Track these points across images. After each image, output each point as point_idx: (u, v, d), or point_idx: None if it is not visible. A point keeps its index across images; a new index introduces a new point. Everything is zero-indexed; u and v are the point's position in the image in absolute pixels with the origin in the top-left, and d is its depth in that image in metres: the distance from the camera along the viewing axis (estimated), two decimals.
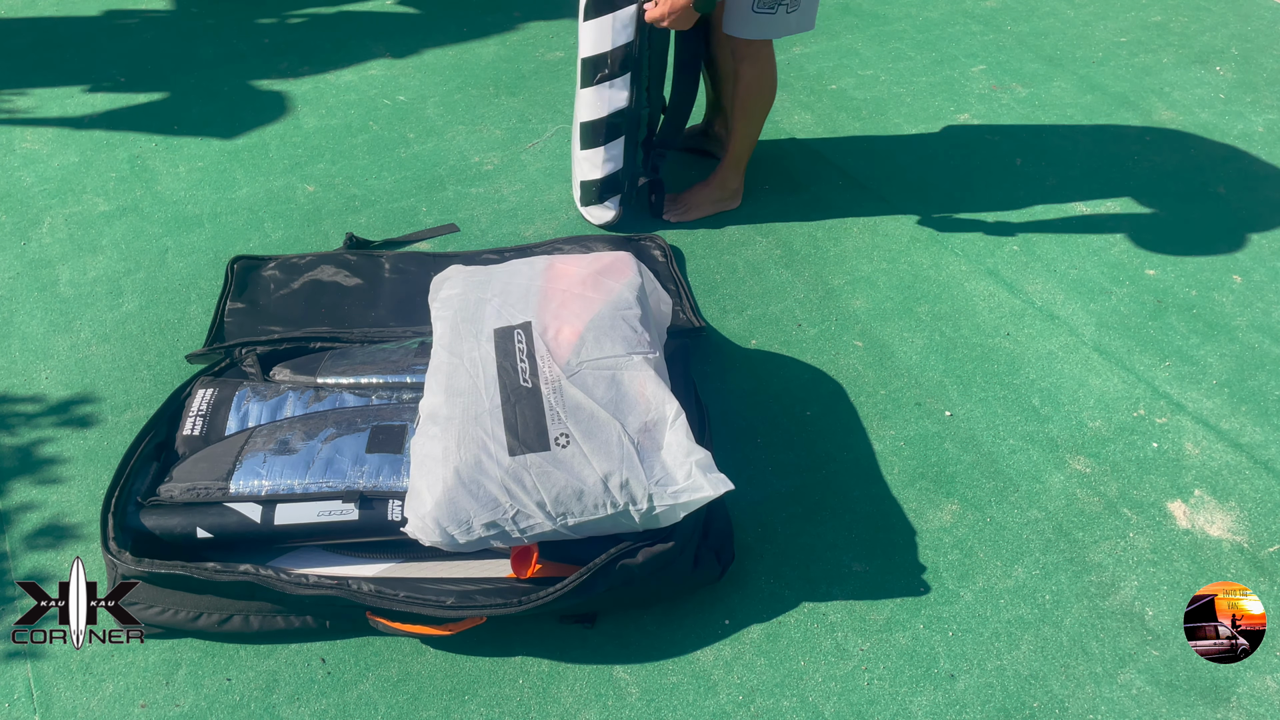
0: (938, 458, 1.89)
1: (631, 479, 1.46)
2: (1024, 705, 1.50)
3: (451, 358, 1.63)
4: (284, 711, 1.47)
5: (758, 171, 2.68)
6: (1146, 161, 2.74)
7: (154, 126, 2.83)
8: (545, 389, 1.55)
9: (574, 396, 1.54)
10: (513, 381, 1.56)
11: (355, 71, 3.13)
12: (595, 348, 1.62)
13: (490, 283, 1.80)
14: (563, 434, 1.49)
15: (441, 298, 1.82)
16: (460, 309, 1.74)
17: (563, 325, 1.66)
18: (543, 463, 1.46)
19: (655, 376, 1.59)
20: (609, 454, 1.48)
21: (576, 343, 1.62)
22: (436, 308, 1.80)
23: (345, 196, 2.56)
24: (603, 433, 1.50)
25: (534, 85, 3.09)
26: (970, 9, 3.56)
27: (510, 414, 1.52)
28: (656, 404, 1.55)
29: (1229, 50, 3.31)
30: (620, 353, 1.61)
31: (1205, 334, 2.17)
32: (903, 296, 2.27)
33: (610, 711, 1.48)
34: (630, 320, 1.69)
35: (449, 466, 1.46)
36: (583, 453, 1.48)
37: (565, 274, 1.80)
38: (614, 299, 1.73)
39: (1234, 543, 1.74)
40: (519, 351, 1.61)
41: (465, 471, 1.45)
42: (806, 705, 1.50)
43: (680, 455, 1.50)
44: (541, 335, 1.64)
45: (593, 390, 1.55)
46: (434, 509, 1.43)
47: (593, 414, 1.52)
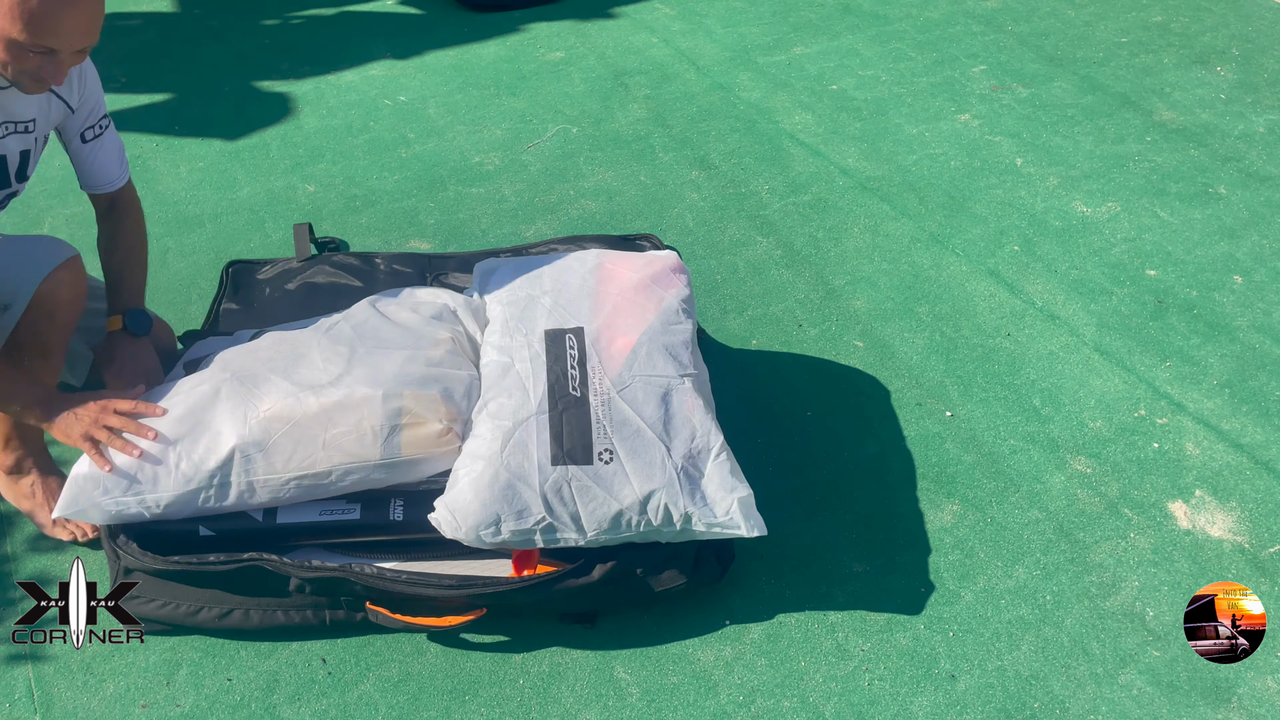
0: (938, 458, 1.89)
1: (670, 504, 1.45)
2: (1025, 706, 1.50)
3: (501, 356, 1.62)
4: (285, 711, 1.47)
5: (758, 171, 2.69)
6: (1146, 161, 2.74)
7: (155, 126, 2.83)
8: (594, 400, 1.53)
9: (622, 411, 1.51)
10: (562, 388, 1.54)
11: (356, 72, 3.14)
12: (647, 363, 1.59)
13: (541, 278, 1.77)
14: (607, 449, 1.47)
15: (492, 289, 1.80)
16: (510, 304, 1.73)
17: (616, 335, 1.63)
18: (584, 476, 1.45)
19: (702, 403, 1.57)
20: (651, 475, 1.46)
21: (629, 356, 1.59)
22: (487, 299, 1.79)
23: (346, 197, 2.57)
24: (648, 453, 1.48)
25: (534, 85, 3.09)
26: (971, 9, 3.56)
27: (557, 422, 1.50)
28: (703, 431, 1.52)
29: (1230, 50, 3.30)
30: (671, 373, 1.58)
31: (1206, 334, 2.17)
32: (903, 297, 2.27)
33: (610, 711, 1.48)
34: (681, 336, 1.66)
35: (492, 466, 1.45)
36: (625, 471, 1.46)
37: (616, 276, 1.77)
38: (665, 310, 1.70)
39: (1235, 543, 1.74)
40: (570, 358, 1.59)
41: (506, 475, 1.44)
42: (807, 705, 1.50)
43: (723, 489, 1.48)
44: (594, 344, 1.60)
45: (642, 407, 1.52)
46: (470, 503, 1.43)
47: (639, 431, 1.50)
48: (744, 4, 3.62)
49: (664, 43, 3.35)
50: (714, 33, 3.42)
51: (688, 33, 3.42)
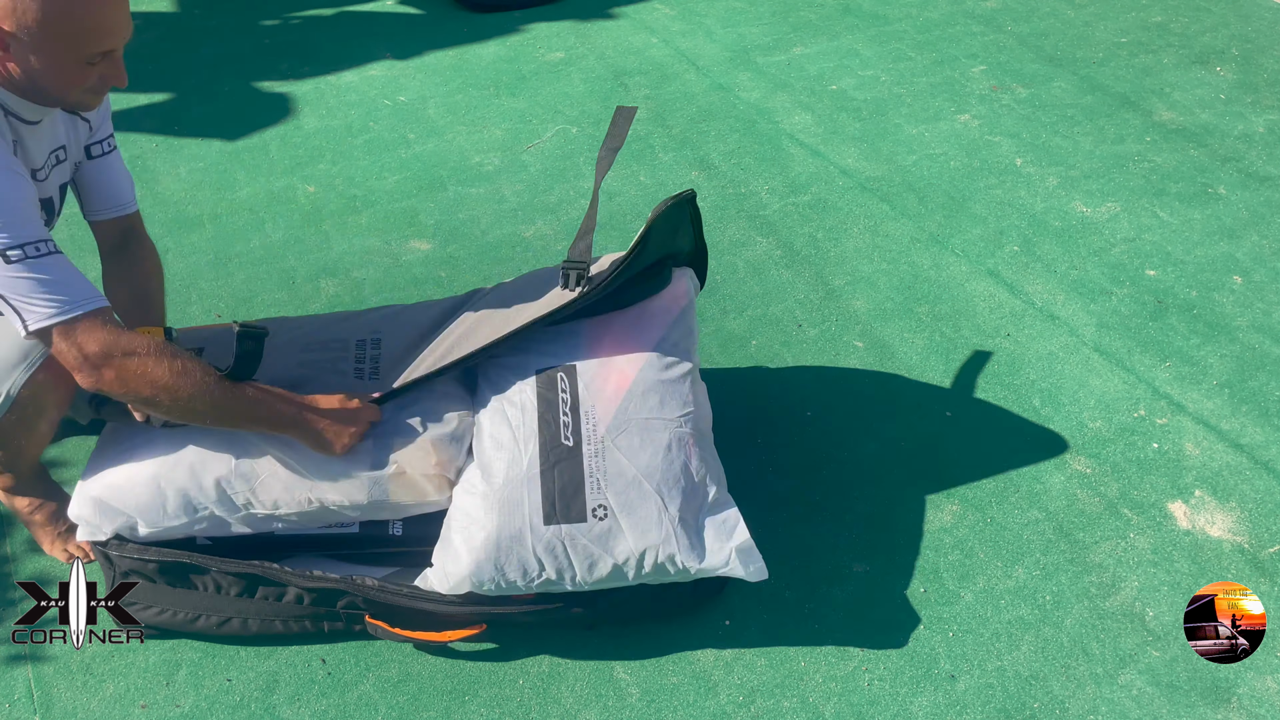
0: (938, 458, 1.89)
1: (667, 558, 1.42)
2: (1024, 706, 1.50)
3: (496, 399, 1.54)
4: (284, 712, 1.47)
5: (758, 171, 2.69)
6: (1146, 161, 2.74)
7: (155, 127, 2.83)
8: (587, 450, 1.45)
9: (616, 462, 1.44)
10: (553, 437, 1.46)
11: (356, 72, 3.14)
12: (642, 405, 1.50)
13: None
14: (601, 505, 1.42)
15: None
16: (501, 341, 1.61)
17: (610, 374, 1.53)
18: (578, 534, 1.41)
19: (700, 448, 1.51)
20: (647, 531, 1.41)
21: (624, 398, 1.50)
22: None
23: (346, 197, 2.57)
24: (644, 507, 1.42)
25: (534, 86, 3.09)
26: (971, 9, 3.56)
27: (549, 479, 1.43)
28: (700, 478, 1.47)
29: (1229, 50, 3.31)
30: (669, 414, 1.50)
31: (1206, 334, 2.17)
32: (903, 297, 2.27)
33: (610, 711, 1.48)
34: (680, 370, 1.56)
35: (486, 530, 1.41)
36: (620, 527, 1.41)
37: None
38: (663, 342, 1.58)
39: (1234, 543, 1.74)
40: (562, 403, 1.51)
41: (503, 540, 1.41)
42: (807, 706, 1.50)
43: (721, 536, 1.44)
44: (588, 386, 1.51)
45: (637, 455, 1.45)
46: (464, 564, 1.41)
47: (635, 483, 1.43)
48: (744, 4, 3.63)
49: (664, 43, 3.35)
50: (714, 33, 3.42)
51: (687, 33, 3.42)
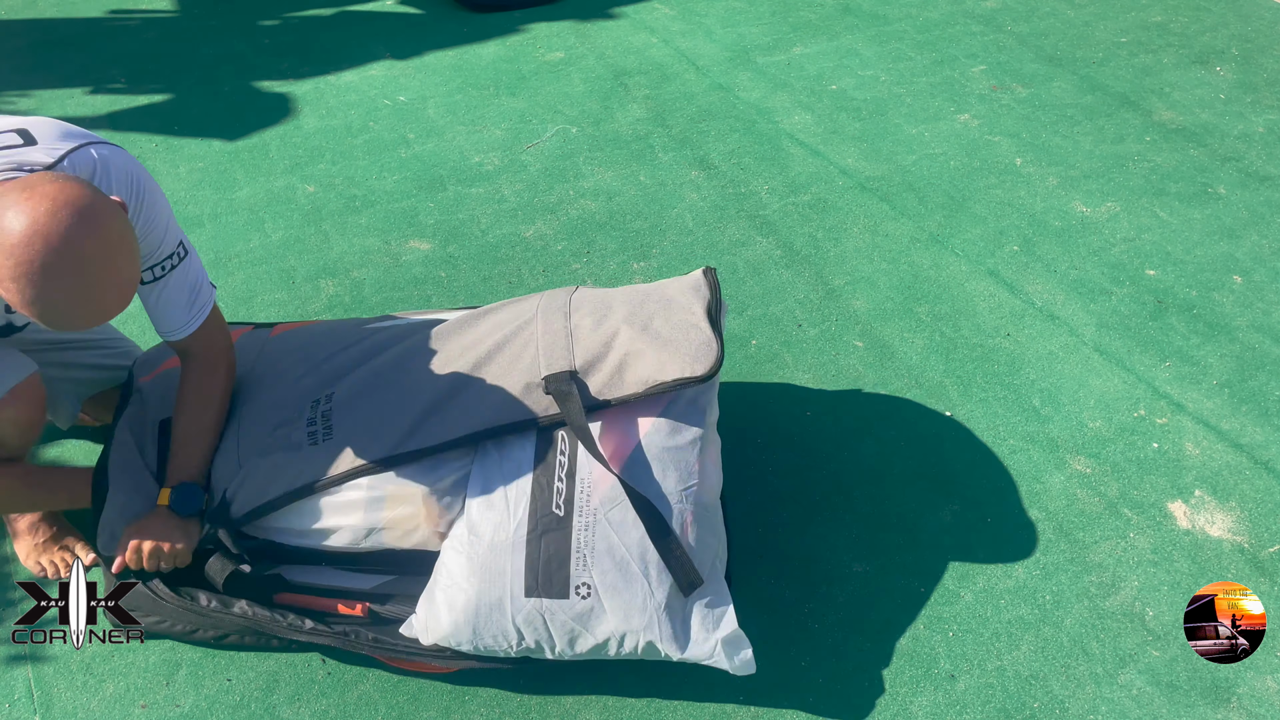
0: (938, 458, 1.89)
1: (647, 644, 1.39)
2: (1024, 706, 1.50)
3: (495, 450, 1.49)
4: (284, 712, 1.47)
5: (758, 171, 2.69)
6: (1146, 161, 2.74)
7: (154, 127, 2.83)
8: (577, 522, 1.41)
9: (606, 538, 1.40)
10: (545, 503, 1.42)
11: (356, 72, 3.14)
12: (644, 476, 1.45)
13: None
14: (585, 584, 1.39)
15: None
16: None
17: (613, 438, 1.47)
18: (559, 610, 1.38)
19: (699, 528, 1.45)
20: (630, 615, 1.38)
21: (624, 467, 1.45)
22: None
23: (346, 197, 2.57)
24: (628, 590, 1.38)
25: (534, 85, 3.09)
26: (970, 9, 3.56)
27: (534, 548, 1.40)
28: (695, 560, 1.41)
29: (1229, 50, 3.31)
30: (671, 488, 1.44)
31: (1205, 334, 2.17)
32: (903, 297, 2.27)
33: (610, 711, 1.48)
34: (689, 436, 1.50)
35: (467, 594, 1.40)
36: (603, 608, 1.38)
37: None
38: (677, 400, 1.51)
39: (1234, 543, 1.74)
40: (559, 465, 1.45)
41: (482, 607, 1.40)
42: (807, 706, 1.50)
43: (708, 626, 1.40)
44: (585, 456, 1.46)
45: (629, 532, 1.40)
46: (443, 623, 1.41)
47: (622, 565, 1.39)
48: (744, 4, 3.63)
49: (664, 43, 3.35)
50: (714, 33, 3.42)
51: (687, 33, 3.42)
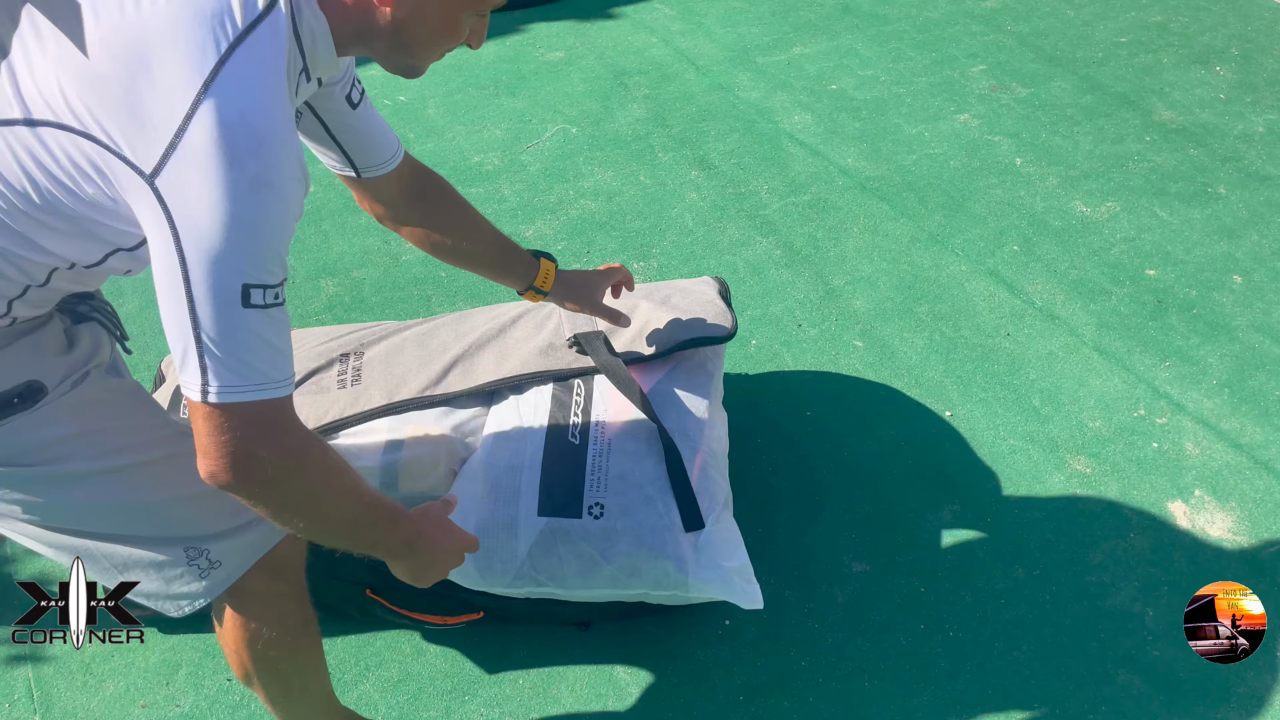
0: (938, 458, 1.89)
1: (661, 569, 1.40)
2: (1024, 706, 1.50)
3: (513, 396, 1.54)
4: None
5: (758, 171, 2.69)
6: (1146, 161, 2.74)
7: None
8: (592, 450, 1.45)
9: (620, 465, 1.43)
10: (560, 434, 1.47)
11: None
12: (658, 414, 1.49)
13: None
14: (598, 503, 1.40)
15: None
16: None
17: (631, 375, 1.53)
18: (573, 530, 1.39)
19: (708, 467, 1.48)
20: (642, 537, 1.39)
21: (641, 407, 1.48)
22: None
23: (346, 196, 2.56)
24: (642, 512, 1.40)
25: (534, 85, 3.09)
26: (970, 9, 3.56)
27: (549, 472, 1.43)
28: (708, 496, 1.45)
29: (1229, 50, 3.30)
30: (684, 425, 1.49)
31: (1205, 334, 2.17)
32: (903, 297, 2.27)
33: (610, 712, 1.48)
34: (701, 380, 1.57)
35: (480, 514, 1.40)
36: (616, 529, 1.39)
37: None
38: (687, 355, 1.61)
39: (1234, 543, 1.74)
40: (575, 405, 1.50)
41: (494, 527, 1.40)
42: (806, 706, 1.50)
43: (720, 555, 1.41)
44: (604, 395, 1.52)
45: (643, 461, 1.44)
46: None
47: (636, 488, 1.41)
48: (744, 4, 3.62)
49: (664, 43, 3.35)
50: (714, 33, 3.42)
51: (687, 33, 3.42)
